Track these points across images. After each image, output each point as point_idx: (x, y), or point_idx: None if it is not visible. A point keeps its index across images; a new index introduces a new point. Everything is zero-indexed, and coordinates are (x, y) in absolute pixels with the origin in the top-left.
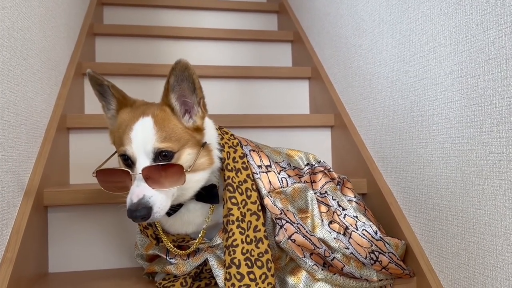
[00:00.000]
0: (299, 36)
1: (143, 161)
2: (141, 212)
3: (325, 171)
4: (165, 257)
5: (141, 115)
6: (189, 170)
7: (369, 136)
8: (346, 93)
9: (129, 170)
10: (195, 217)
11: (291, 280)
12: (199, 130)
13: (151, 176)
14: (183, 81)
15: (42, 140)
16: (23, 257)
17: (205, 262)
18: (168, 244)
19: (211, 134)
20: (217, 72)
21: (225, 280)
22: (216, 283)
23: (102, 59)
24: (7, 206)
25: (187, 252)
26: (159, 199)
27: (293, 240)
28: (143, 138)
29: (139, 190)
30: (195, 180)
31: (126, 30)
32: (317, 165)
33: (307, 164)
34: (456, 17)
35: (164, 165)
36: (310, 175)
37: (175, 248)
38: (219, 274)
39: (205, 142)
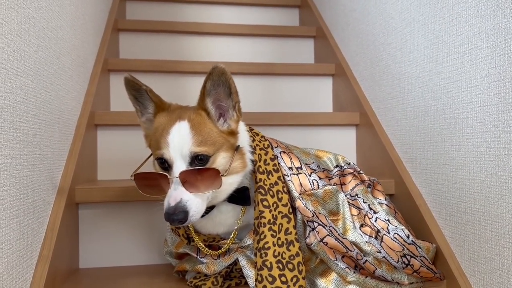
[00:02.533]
0: (322, 32)
1: (180, 165)
2: (178, 216)
3: (354, 173)
4: (195, 256)
5: (177, 119)
6: (225, 174)
7: (397, 136)
8: (372, 91)
9: (167, 174)
10: (226, 218)
11: (321, 282)
12: (233, 133)
13: (188, 180)
14: (219, 85)
15: (73, 137)
16: (58, 254)
17: (235, 262)
18: (199, 243)
19: (243, 137)
20: (240, 68)
21: (256, 282)
22: (246, 283)
23: (126, 55)
24: (42, 204)
25: (218, 252)
26: (195, 203)
27: (325, 243)
28: (179, 142)
29: (176, 193)
30: (229, 183)
31: (149, 25)
32: (346, 167)
33: (336, 165)
34: (495, 20)
35: (201, 169)
36: (339, 177)
37: (206, 248)
38: (250, 274)
39: (239, 146)
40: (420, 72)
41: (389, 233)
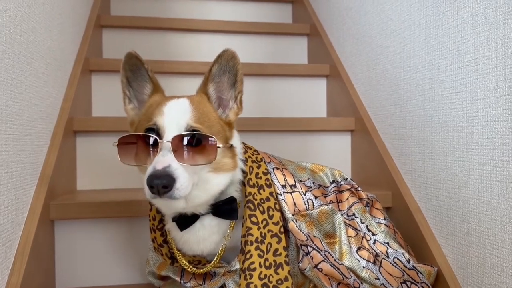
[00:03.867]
0: (316, 30)
1: (172, 132)
2: (163, 180)
3: (352, 189)
4: (179, 280)
5: (175, 98)
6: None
7: (395, 145)
8: (369, 96)
9: (156, 138)
10: (211, 234)
11: None
12: (230, 126)
13: (180, 148)
14: (225, 73)
15: (48, 147)
16: (29, 278)
17: (221, 287)
18: (183, 261)
19: (236, 142)
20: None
21: None
22: None
23: (109, 54)
24: (10, 226)
25: (204, 270)
26: (184, 175)
27: (320, 269)
28: (177, 113)
29: (165, 159)
30: (215, 183)
31: (135, 22)
32: (343, 183)
33: (333, 181)
34: (505, 28)
35: (198, 135)
36: (336, 193)
37: (191, 266)
38: None
39: (232, 145)
40: (420, 79)
41: (388, 257)
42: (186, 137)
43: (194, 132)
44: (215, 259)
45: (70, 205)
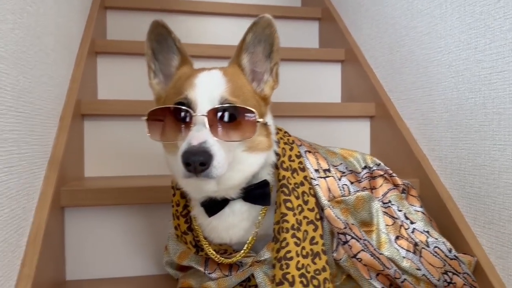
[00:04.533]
0: (329, 13)
1: (206, 106)
2: (201, 157)
3: (385, 175)
4: (203, 270)
5: (206, 69)
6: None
7: (422, 131)
8: (391, 80)
9: (191, 111)
10: (241, 220)
11: None
12: (265, 101)
13: (216, 122)
14: (260, 42)
15: (57, 130)
16: (41, 268)
17: (249, 278)
18: (210, 250)
19: (269, 121)
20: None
21: None
22: None
23: (113, 35)
24: (22, 212)
25: (232, 260)
26: (221, 152)
27: (359, 259)
28: (210, 85)
29: (200, 135)
30: (250, 163)
31: (140, 3)
32: (376, 168)
33: (365, 167)
34: None
35: (236, 107)
36: (369, 180)
37: (218, 256)
38: None
39: (266, 122)
40: (453, 60)
41: (428, 246)
42: (223, 111)
43: (232, 105)
44: (245, 248)
45: (82, 191)
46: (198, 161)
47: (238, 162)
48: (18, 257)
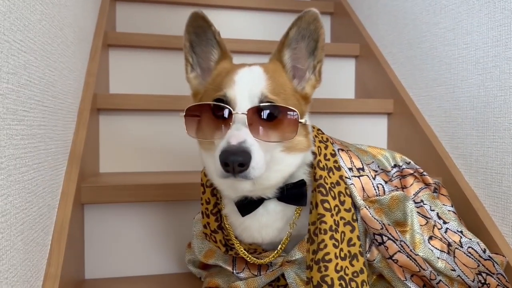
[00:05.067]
0: (342, 8)
1: (246, 104)
2: (240, 157)
3: (415, 174)
4: (231, 270)
5: (247, 65)
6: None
7: (445, 128)
8: (410, 77)
9: (231, 109)
10: (275, 221)
11: None
12: (306, 100)
13: (256, 121)
14: (304, 38)
15: (76, 125)
16: (65, 268)
17: (278, 278)
18: (241, 250)
19: (307, 120)
20: (250, 47)
21: None
22: None
23: (123, 27)
24: (47, 210)
25: (265, 261)
26: (259, 153)
27: (395, 260)
28: (250, 83)
29: (239, 134)
30: (287, 164)
31: None
32: (405, 167)
33: (394, 165)
34: None
35: (277, 109)
36: (399, 179)
37: (250, 256)
38: None
39: (306, 121)
40: (480, 57)
41: (461, 247)
42: (264, 110)
43: (274, 104)
44: (278, 249)
45: (103, 187)
46: (237, 162)
47: (276, 162)
48: (44, 257)
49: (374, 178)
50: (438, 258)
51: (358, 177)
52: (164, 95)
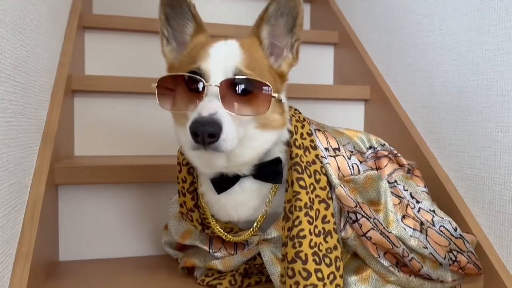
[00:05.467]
0: None
1: (220, 76)
2: (210, 127)
3: (390, 155)
4: (208, 249)
5: (223, 39)
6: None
7: (420, 113)
8: (387, 63)
9: (203, 80)
10: (250, 198)
11: (355, 280)
12: (282, 78)
13: (229, 94)
14: (283, 15)
15: (49, 105)
16: (38, 247)
17: (254, 257)
18: (217, 228)
19: (284, 99)
20: (236, 32)
21: (286, 277)
22: (267, 280)
23: (100, 9)
24: (19, 188)
25: (241, 238)
26: (230, 125)
27: (369, 238)
28: (224, 55)
29: (211, 105)
30: (262, 141)
31: None
32: (380, 149)
33: (370, 147)
34: None
35: (249, 80)
36: (374, 160)
37: (225, 234)
38: (275, 271)
39: (281, 100)
40: (455, 42)
41: (434, 225)
42: (237, 83)
43: (247, 77)
44: (254, 226)
45: (78, 168)
46: (206, 132)
47: (250, 139)
48: (16, 235)
49: (349, 158)
50: (411, 236)
51: (334, 157)
52: (140, 77)
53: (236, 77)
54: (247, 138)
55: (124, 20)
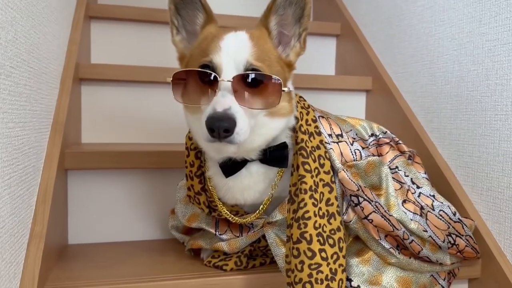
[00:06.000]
0: None
1: (231, 71)
2: (225, 123)
3: (391, 143)
4: (214, 232)
5: (232, 30)
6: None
7: (421, 103)
8: (388, 54)
9: (217, 76)
10: (257, 182)
11: (357, 262)
12: (290, 67)
13: (241, 88)
14: (291, 5)
15: (59, 92)
16: (50, 229)
17: (259, 239)
18: (224, 210)
19: (290, 86)
20: (239, 23)
21: (291, 257)
22: (272, 262)
23: (103, 0)
24: (32, 171)
25: (247, 220)
26: (244, 119)
27: (370, 220)
28: (235, 48)
29: (225, 100)
30: (271, 128)
31: None
32: (382, 136)
33: (372, 134)
34: None
35: (261, 75)
36: (376, 147)
37: (232, 216)
38: (279, 253)
39: (289, 88)
40: (456, 33)
41: (433, 210)
42: (249, 78)
43: (258, 72)
44: (260, 209)
45: (87, 153)
46: (222, 128)
47: (260, 126)
48: (30, 216)
49: (352, 144)
50: (411, 220)
51: (337, 143)
52: (146, 66)
53: (248, 72)
54: (258, 125)
55: (129, 10)
